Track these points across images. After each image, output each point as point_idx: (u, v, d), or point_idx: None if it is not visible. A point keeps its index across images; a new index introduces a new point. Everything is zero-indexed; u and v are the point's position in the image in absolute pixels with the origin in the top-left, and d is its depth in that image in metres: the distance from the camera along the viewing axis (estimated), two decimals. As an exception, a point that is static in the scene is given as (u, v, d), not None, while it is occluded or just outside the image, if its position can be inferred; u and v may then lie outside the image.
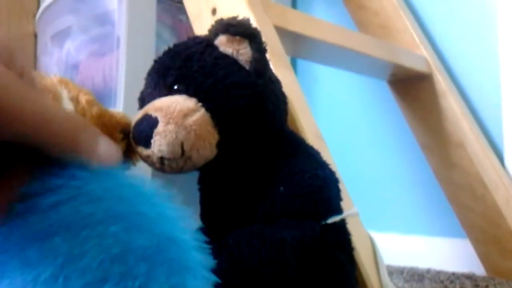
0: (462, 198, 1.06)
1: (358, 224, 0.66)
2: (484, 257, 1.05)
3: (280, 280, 0.49)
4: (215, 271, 0.48)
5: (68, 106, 0.54)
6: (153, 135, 0.51)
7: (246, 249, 0.48)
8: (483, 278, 0.98)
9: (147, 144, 0.52)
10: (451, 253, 1.13)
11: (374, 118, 1.32)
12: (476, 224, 1.04)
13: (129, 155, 0.59)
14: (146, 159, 0.54)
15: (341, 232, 0.57)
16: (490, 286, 0.92)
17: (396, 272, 1.04)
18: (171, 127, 0.51)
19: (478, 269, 1.05)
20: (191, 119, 0.52)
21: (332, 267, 0.52)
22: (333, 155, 0.67)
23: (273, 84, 0.58)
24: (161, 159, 0.52)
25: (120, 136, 0.57)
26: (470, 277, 0.99)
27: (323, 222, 0.53)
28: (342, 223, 0.58)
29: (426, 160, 1.13)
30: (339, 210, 0.56)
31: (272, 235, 0.49)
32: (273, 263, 0.48)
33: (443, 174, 1.10)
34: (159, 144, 0.51)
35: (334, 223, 0.54)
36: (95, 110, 0.56)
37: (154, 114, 0.52)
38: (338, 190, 0.57)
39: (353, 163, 1.29)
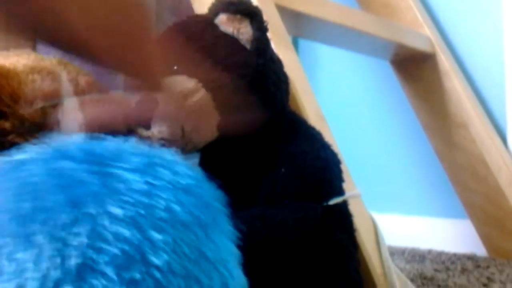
0: (464, 179, 1.06)
1: (360, 205, 0.65)
2: (485, 238, 1.05)
3: (281, 261, 0.49)
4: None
5: (67, 87, 0.53)
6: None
7: (247, 230, 0.48)
8: (485, 259, 0.98)
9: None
10: (453, 234, 1.14)
11: (376, 98, 1.31)
12: (478, 205, 1.04)
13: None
14: (146, 141, 0.53)
15: (343, 214, 0.56)
16: (492, 266, 0.92)
17: (397, 253, 1.04)
18: (171, 108, 0.50)
19: (480, 250, 1.05)
20: (192, 100, 0.51)
21: (333, 248, 0.52)
22: (334, 136, 0.67)
23: (274, 64, 0.57)
24: (161, 140, 0.52)
25: (120, 117, 0.56)
26: (471, 258, 0.99)
27: (325, 204, 0.52)
28: (344, 204, 0.57)
29: (428, 141, 1.13)
30: (341, 192, 0.56)
31: (273, 217, 0.49)
32: (274, 244, 0.48)
33: (445, 155, 1.09)
34: (159, 125, 0.51)
35: (336, 205, 0.54)
36: (95, 92, 0.56)
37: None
38: (340, 171, 0.57)
39: (355, 144, 1.28)
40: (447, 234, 1.15)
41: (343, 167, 0.58)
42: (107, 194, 0.34)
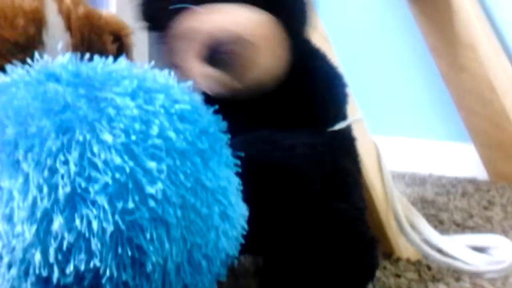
0: (469, 102, 1.03)
1: (363, 129, 0.63)
2: (487, 162, 1.04)
3: (288, 187, 0.47)
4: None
5: (51, 5, 0.49)
6: (244, 63, 0.44)
7: (255, 153, 0.46)
8: (485, 183, 0.98)
9: (227, 69, 0.44)
10: (454, 158, 1.13)
11: (381, 17, 1.26)
12: (482, 129, 1.03)
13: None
14: (200, 78, 0.45)
15: (347, 139, 0.55)
16: (492, 190, 0.92)
17: (397, 177, 1.04)
18: (268, 58, 0.45)
19: (481, 174, 1.04)
20: (274, 43, 0.46)
21: (339, 175, 0.51)
22: (337, 57, 0.64)
23: None
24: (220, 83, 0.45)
25: (110, 38, 0.53)
26: (472, 181, 0.99)
27: (330, 129, 0.50)
28: (348, 129, 0.55)
29: (434, 63, 1.09)
30: (345, 115, 0.54)
31: (282, 140, 0.47)
32: (284, 168, 0.46)
33: (451, 77, 1.06)
34: (250, 79, 0.45)
35: (340, 130, 0.52)
36: (81, 9, 0.52)
37: (248, 36, 0.44)
38: (346, 95, 0.54)
39: (358, 65, 1.25)
40: (449, 157, 1.14)
41: (347, 89, 0.56)
42: (96, 119, 0.32)
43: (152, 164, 0.31)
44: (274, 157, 0.46)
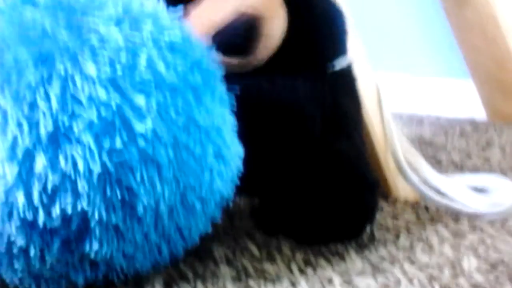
0: (472, 39, 1.00)
1: (364, 68, 0.61)
2: (487, 101, 1.02)
3: (289, 123, 0.45)
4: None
5: None
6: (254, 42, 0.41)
7: (255, 92, 0.43)
8: (484, 123, 0.97)
9: (242, 54, 0.41)
10: (453, 97, 1.11)
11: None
12: (483, 66, 1.00)
13: None
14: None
15: (348, 79, 0.52)
16: (491, 130, 0.91)
17: (395, 116, 1.01)
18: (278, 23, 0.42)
19: (479, 115, 1.03)
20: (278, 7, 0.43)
21: (339, 116, 0.49)
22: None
23: None
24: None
25: None
26: (470, 121, 0.98)
27: (331, 67, 0.48)
28: (349, 69, 0.53)
29: (437, -2, 1.05)
30: (345, 51, 0.51)
31: (283, 79, 0.45)
32: (284, 104, 0.44)
33: (455, 12, 1.02)
34: (264, 52, 0.42)
35: (340, 70, 0.49)
36: None
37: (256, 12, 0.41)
38: (345, 31, 0.51)
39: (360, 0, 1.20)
40: (448, 96, 1.12)
41: (348, 26, 0.53)
42: (78, 49, 0.29)
43: (140, 100, 0.29)
44: (274, 93, 0.44)
